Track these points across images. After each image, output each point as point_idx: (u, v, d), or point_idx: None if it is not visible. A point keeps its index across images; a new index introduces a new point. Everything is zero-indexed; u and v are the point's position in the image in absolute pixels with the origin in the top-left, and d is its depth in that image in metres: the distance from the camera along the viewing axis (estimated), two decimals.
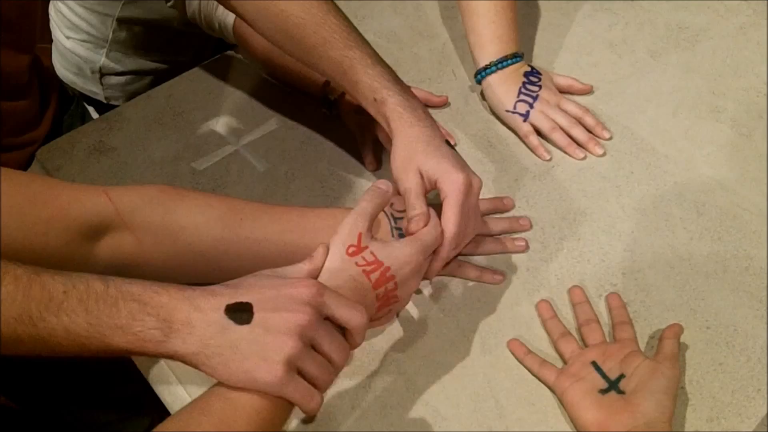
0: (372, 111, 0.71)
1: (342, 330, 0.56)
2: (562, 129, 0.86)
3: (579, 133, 0.86)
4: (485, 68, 0.88)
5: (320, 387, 0.53)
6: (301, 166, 0.85)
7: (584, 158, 0.84)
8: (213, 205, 0.67)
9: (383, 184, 0.65)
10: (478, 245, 0.75)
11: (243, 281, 0.55)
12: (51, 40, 1.15)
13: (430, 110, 0.89)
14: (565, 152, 0.85)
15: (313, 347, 0.53)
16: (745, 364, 0.67)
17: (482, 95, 0.91)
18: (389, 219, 0.73)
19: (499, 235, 0.77)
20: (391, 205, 0.75)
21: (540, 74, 0.90)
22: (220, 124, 0.90)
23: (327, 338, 0.53)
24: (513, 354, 0.69)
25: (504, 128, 0.88)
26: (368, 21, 1.02)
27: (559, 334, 0.69)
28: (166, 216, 0.64)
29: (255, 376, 0.50)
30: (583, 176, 0.83)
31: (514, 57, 0.88)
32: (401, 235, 0.72)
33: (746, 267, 0.74)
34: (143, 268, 0.65)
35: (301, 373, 0.52)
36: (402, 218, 0.73)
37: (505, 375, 0.67)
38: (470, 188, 0.67)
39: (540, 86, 0.88)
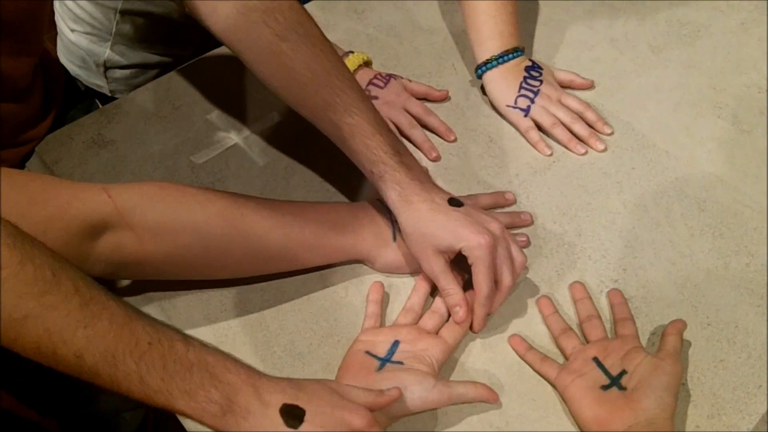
0: (370, 180, 0.71)
1: None
2: (563, 124, 0.86)
3: (580, 129, 0.85)
4: (486, 63, 0.88)
5: None
6: (300, 161, 0.84)
7: (585, 154, 0.84)
8: (213, 201, 0.66)
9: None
10: None
11: (309, 385, 0.58)
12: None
13: (431, 105, 0.89)
14: (566, 147, 0.85)
15: None
16: (746, 361, 0.67)
17: (483, 90, 0.91)
18: (390, 213, 0.73)
19: None
20: None
21: (541, 69, 0.89)
22: (220, 118, 0.89)
23: None
24: (514, 350, 0.68)
25: (505, 123, 0.88)
26: (368, 15, 1.02)
27: (560, 330, 0.69)
28: (166, 213, 0.63)
29: None
30: (584, 172, 0.83)
31: (515, 51, 0.88)
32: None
33: (747, 264, 0.74)
34: (144, 265, 0.64)
35: None
36: None
37: (507, 371, 0.67)
38: (494, 244, 0.66)
39: (541, 81, 0.88)
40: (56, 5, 1.10)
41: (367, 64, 0.90)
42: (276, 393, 0.55)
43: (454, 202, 0.69)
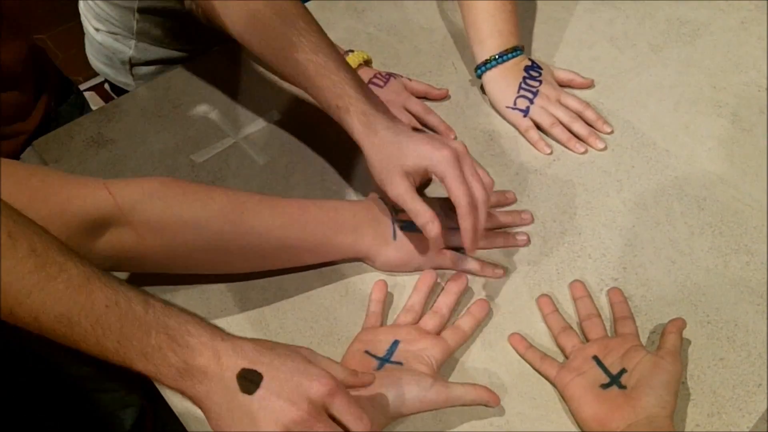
0: (335, 117, 0.71)
1: None
2: (562, 124, 0.86)
3: (579, 128, 0.85)
4: (485, 63, 0.88)
5: None
6: (300, 159, 0.84)
7: (585, 152, 0.84)
8: (214, 198, 0.66)
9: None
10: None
11: (275, 349, 0.55)
12: (61, 29, 1.15)
13: (431, 104, 0.89)
14: (566, 147, 0.85)
15: None
16: (745, 359, 0.67)
17: (483, 89, 0.91)
18: (390, 211, 0.73)
19: (501, 229, 0.77)
20: None
21: (541, 69, 0.89)
22: (220, 117, 0.89)
23: None
24: (514, 348, 0.68)
25: (505, 122, 0.88)
26: (368, 14, 1.02)
27: (560, 329, 0.69)
28: (166, 210, 0.63)
29: None
30: (584, 170, 0.83)
31: (515, 51, 0.88)
32: (403, 227, 0.72)
33: (747, 262, 0.74)
34: (144, 260, 0.64)
35: None
36: (404, 211, 0.73)
37: (506, 369, 0.67)
38: (459, 156, 0.67)
39: (540, 81, 0.88)
40: (81, 5, 1.11)
41: (367, 62, 0.90)
42: (236, 357, 0.53)
43: (417, 130, 0.70)
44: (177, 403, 0.67)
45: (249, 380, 0.53)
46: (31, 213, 0.56)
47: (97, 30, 1.09)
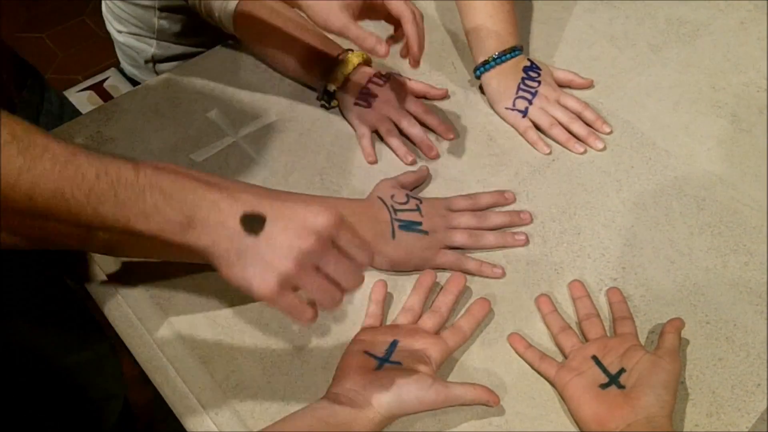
0: None
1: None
2: (561, 124, 0.86)
3: (578, 128, 0.85)
4: (484, 64, 0.88)
5: (321, 304, 0.56)
6: (299, 159, 0.84)
7: (584, 153, 0.84)
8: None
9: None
10: (478, 239, 0.74)
11: (275, 194, 0.58)
12: (60, 28, 1.16)
13: (430, 104, 0.89)
14: (565, 147, 0.85)
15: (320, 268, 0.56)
16: (744, 359, 0.67)
17: (482, 89, 0.90)
18: (390, 211, 0.73)
19: (500, 228, 0.77)
20: (392, 196, 0.74)
21: (540, 69, 0.89)
22: (219, 116, 0.89)
23: (332, 265, 0.56)
24: (513, 348, 0.68)
25: (504, 122, 0.88)
26: None
27: (559, 329, 0.69)
28: None
29: (252, 284, 0.54)
30: (583, 170, 0.83)
31: (513, 51, 0.88)
32: (402, 227, 0.72)
33: (746, 262, 0.74)
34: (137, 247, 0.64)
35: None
36: (403, 210, 0.73)
37: (506, 369, 0.67)
38: None
39: (539, 82, 0.88)
40: (102, 7, 1.12)
41: (367, 62, 0.90)
42: (235, 204, 0.55)
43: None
44: (172, 395, 0.67)
45: (253, 223, 0.54)
46: None
47: (119, 32, 1.11)
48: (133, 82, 1.19)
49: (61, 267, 0.80)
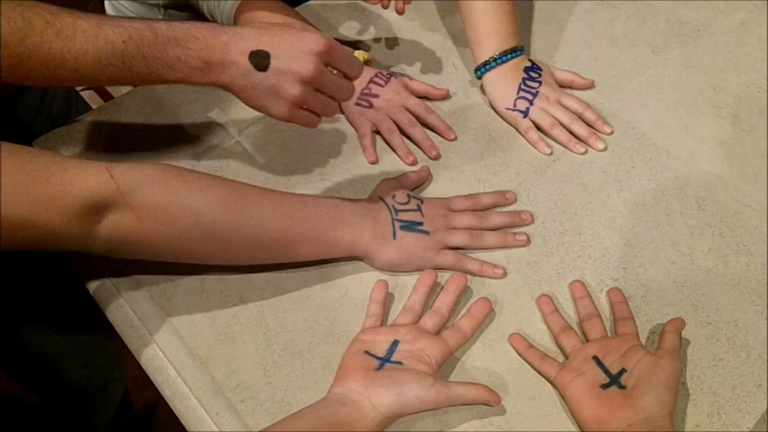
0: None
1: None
2: (562, 125, 0.86)
3: (579, 129, 0.85)
4: (485, 64, 0.88)
5: (323, 113, 0.72)
6: (300, 159, 0.84)
7: (585, 153, 0.84)
8: (215, 188, 0.66)
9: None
10: (479, 239, 0.74)
11: (271, 28, 0.68)
12: None
13: (431, 104, 0.89)
14: (566, 147, 0.85)
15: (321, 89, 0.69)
16: (745, 360, 0.67)
17: (482, 89, 0.91)
18: (391, 211, 0.73)
19: (501, 229, 0.77)
20: (393, 196, 0.74)
21: (540, 69, 0.89)
22: (220, 116, 0.89)
23: (329, 84, 0.70)
24: (514, 348, 0.68)
25: (505, 122, 0.88)
26: (369, 14, 1.02)
27: (560, 329, 0.69)
28: (167, 196, 0.63)
29: (269, 110, 0.69)
30: (584, 170, 0.83)
31: (514, 51, 0.88)
32: (403, 227, 0.72)
33: (747, 263, 0.74)
34: (142, 245, 0.64)
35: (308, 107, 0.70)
36: (404, 210, 0.73)
37: (506, 369, 0.67)
38: None
39: (540, 82, 0.88)
40: (106, 6, 1.12)
41: (368, 62, 0.90)
42: (241, 43, 0.66)
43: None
44: (172, 395, 0.67)
45: (260, 58, 0.66)
46: (34, 194, 0.57)
47: None
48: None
49: (62, 267, 0.80)
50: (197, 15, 0.97)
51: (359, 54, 0.89)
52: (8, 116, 0.94)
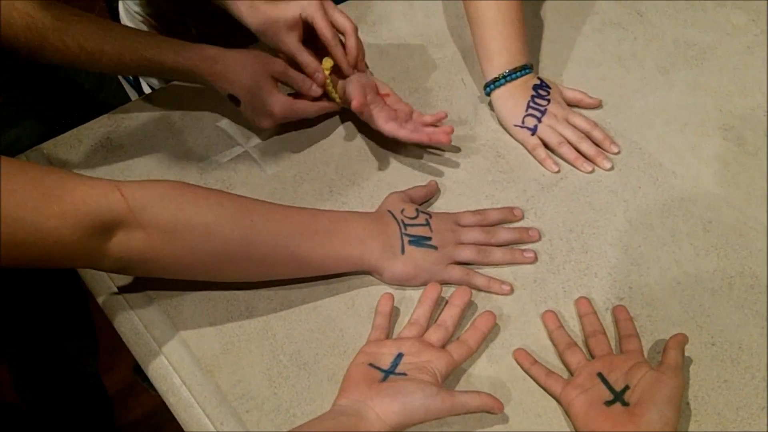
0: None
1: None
2: (570, 143, 0.86)
3: (587, 148, 0.86)
4: (494, 81, 0.89)
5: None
6: (309, 170, 0.85)
7: (592, 171, 0.85)
8: (224, 204, 0.66)
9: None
10: (486, 255, 0.75)
11: (228, 50, 0.84)
12: None
13: (424, 110, 0.89)
14: (573, 166, 0.85)
15: None
16: (749, 382, 0.67)
17: (491, 105, 0.91)
18: (400, 225, 0.73)
19: (508, 245, 0.77)
20: (402, 211, 0.75)
21: (549, 87, 0.90)
22: (229, 125, 0.90)
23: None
24: (519, 364, 0.69)
25: (513, 138, 0.88)
26: (378, 27, 1.02)
27: (565, 345, 0.69)
28: (176, 214, 0.64)
29: (260, 124, 0.85)
30: (590, 189, 0.83)
31: (523, 69, 0.89)
32: (411, 242, 0.72)
33: (751, 285, 0.74)
34: (152, 263, 0.65)
35: None
36: (412, 225, 0.73)
37: (511, 385, 0.67)
38: (321, 2, 0.82)
39: (548, 100, 0.89)
40: (119, 7, 1.12)
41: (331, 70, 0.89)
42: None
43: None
44: (176, 403, 0.67)
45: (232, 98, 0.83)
46: (45, 211, 0.57)
47: None
48: (141, 89, 1.19)
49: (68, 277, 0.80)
50: (217, 20, 0.97)
51: (325, 61, 0.88)
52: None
